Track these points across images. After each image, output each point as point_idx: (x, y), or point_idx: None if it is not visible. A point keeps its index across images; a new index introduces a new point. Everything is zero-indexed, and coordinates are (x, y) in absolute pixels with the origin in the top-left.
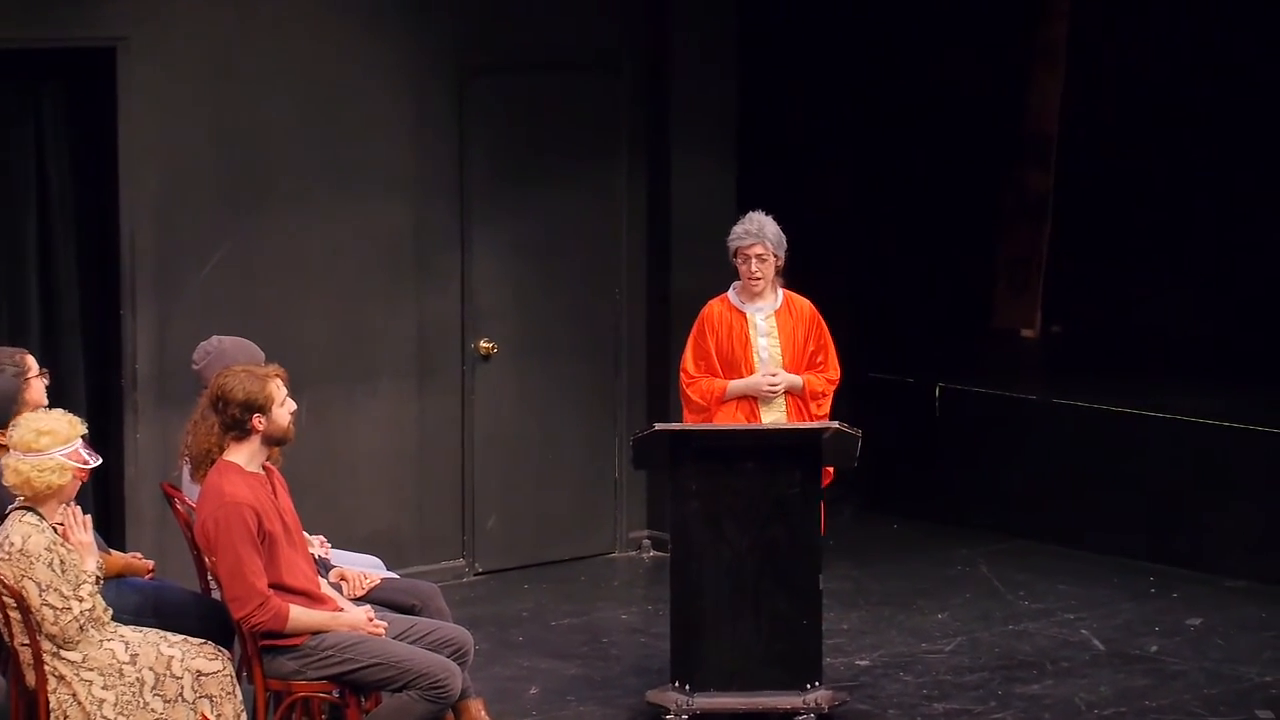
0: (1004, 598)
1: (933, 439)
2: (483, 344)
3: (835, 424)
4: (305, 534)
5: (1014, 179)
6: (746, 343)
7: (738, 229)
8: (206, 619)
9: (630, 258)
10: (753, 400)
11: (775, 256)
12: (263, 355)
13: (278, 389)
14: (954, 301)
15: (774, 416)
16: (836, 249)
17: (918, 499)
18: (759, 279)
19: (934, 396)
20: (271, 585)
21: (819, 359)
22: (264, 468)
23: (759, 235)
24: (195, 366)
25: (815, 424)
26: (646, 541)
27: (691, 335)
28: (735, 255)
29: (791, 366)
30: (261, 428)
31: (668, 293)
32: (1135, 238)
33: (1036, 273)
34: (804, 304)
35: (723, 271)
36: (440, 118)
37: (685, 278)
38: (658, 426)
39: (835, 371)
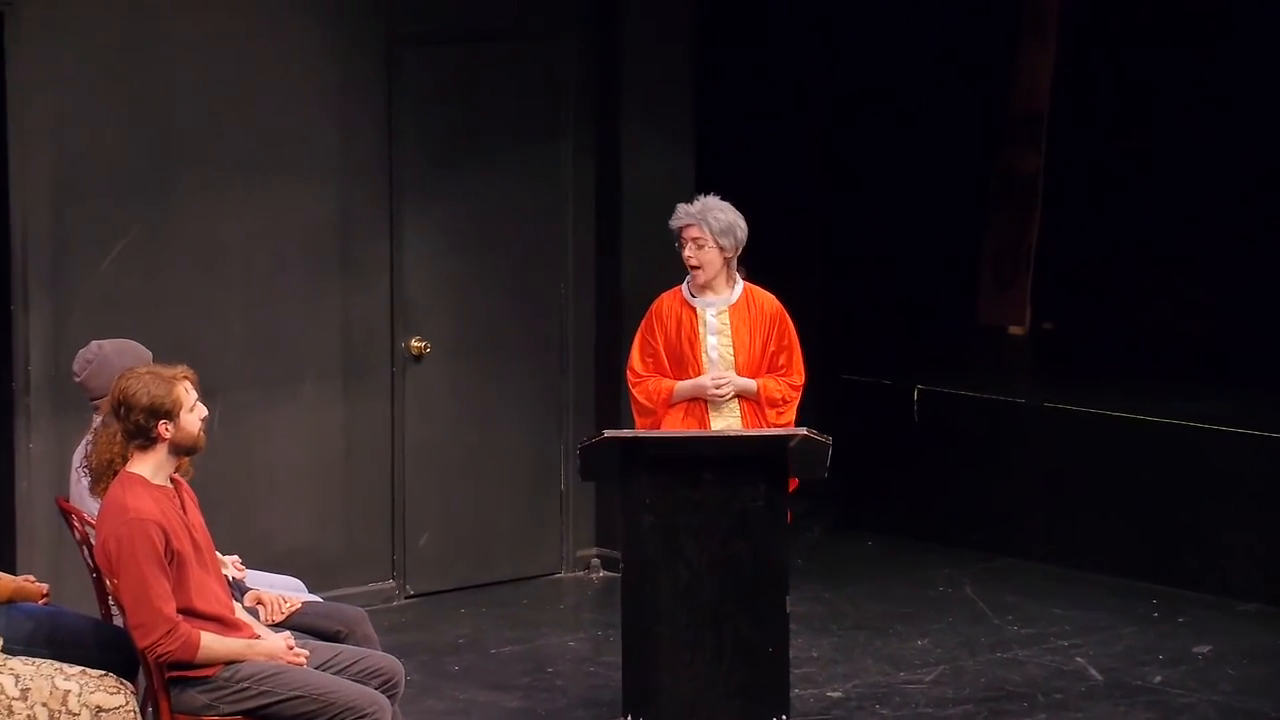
0: (991, 622)
1: (912, 447)
2: (414, 343)
3: (803, 431)
4: (218, 553)
5: (1001, 161)
6: (696, 340)
7: (679, 207)
8: (107, 648)
9: (577, 248)
10: (703, 404)
11: (718, 245)
12: (150, 356)
13: (186, 393)
14: (935, 296)
15: (725, 423)
16: (806, 238)
17: (895, 513)
18: (698, 267)
19: (913, 400)
20: (180, 610)
21: (780, 361)
22: (172, 480)
23: (697, 216)
24: (76, 378)
25: (782, 431)
26: (596, 560)
27: (639, 330)
28: (677, 239)
29: (746, 369)
30: (169, 435)
31: (618, 286)
32: (1133, 226)
33: (1025, 264)
34: (767, 300)
35: (679, 263)
36: (367, 93)
37: (637, 270)
38: (607, 433)
39: (799, 376)
